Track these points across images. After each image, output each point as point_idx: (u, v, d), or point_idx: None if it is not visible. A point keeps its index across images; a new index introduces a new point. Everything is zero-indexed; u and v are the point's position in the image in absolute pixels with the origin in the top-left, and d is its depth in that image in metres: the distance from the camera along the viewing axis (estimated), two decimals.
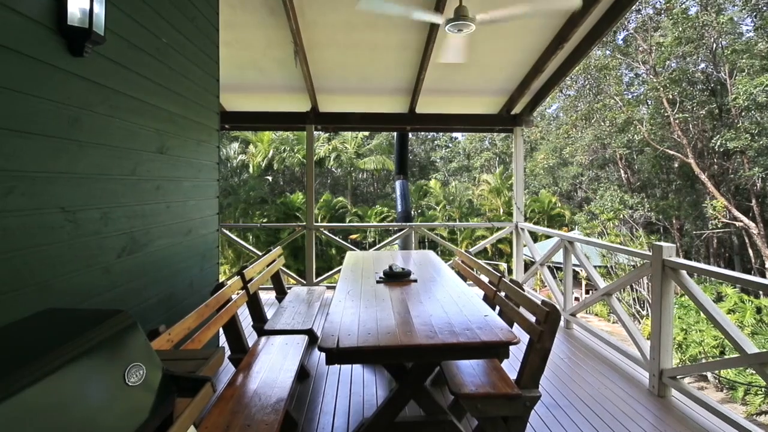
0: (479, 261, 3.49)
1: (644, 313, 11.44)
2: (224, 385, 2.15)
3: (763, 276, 14.17)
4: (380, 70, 5.12)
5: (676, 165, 18.18)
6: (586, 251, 4.45)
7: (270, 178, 23.15)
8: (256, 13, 4.05)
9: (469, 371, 2.20)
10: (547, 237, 14.66)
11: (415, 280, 2.95)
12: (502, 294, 2.70)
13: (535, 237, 15.53)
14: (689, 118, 16.45)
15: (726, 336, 2.43)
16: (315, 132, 5.97)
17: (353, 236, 20.32)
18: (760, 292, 9.22)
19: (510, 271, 9.78)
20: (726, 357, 7.35)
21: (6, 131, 1.47)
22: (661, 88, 16.29)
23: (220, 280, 3.00)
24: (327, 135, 23.20)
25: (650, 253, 2.99)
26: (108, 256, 2.02)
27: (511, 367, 3.07)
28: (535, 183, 24.12)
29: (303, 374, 3.13)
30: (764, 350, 2.27)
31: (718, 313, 2.53)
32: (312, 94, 5.34)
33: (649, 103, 18.35)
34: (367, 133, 24.31)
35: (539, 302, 2.09)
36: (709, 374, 9.15)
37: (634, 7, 16.31)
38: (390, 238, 6.70)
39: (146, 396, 1.03)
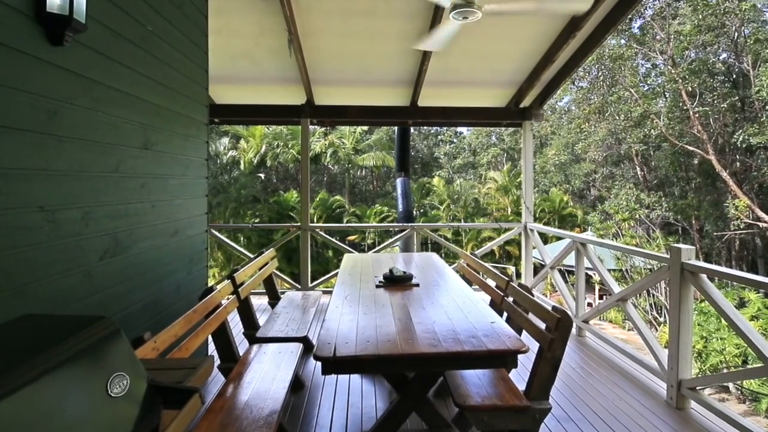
0: (485, 264, 3.49)
1: (661, 319, 11.44)
2: (213, 396, 2.15)
3: None
4: (380, 61, 5.12)
5: (696, 162, 18.18)
6: (599, 253, 4.45)
7: (262, 175, 23.16)
8: None
9: (475, 382, 2.20)
10: (558, 238, 14.67)
11: (417, 285, 2.96)
12: (510, 299, 2.70)
13: (546, 238, 15.55)
14: (710, 111, 16.45)
15: (749, 344, 2.43)
16: (311, 126, 5.98)
17: (351, 237, 20.33)
18: None
19: (518, 275, 9.79)
20: (749, 367, 7.36)
21: None
22: (680, 80, 16.28)
23: (209, 285, 3.01)
24: (323, 129, 23.20)
25: (668, 256, 2.99)
26: (89, 258, 2.02)
27: (520, 377, 3.07)
28: (545, 181, 24.10)
29: (297, 385, 3.13)
30: None
31: (740, 319, 2.53)
32: (307, 85, 5.33)
33: (667, 95, 18.34)
34: (366, 128, 24.31)
35: (549, 308, 2.09)
36: (730, 385, 9.15)
37: None
38: (390, 240, 6.71)
39: (130, 408, 1.03)
